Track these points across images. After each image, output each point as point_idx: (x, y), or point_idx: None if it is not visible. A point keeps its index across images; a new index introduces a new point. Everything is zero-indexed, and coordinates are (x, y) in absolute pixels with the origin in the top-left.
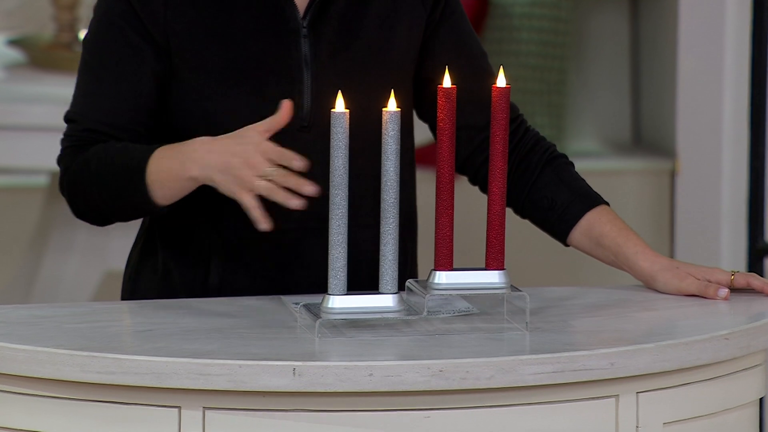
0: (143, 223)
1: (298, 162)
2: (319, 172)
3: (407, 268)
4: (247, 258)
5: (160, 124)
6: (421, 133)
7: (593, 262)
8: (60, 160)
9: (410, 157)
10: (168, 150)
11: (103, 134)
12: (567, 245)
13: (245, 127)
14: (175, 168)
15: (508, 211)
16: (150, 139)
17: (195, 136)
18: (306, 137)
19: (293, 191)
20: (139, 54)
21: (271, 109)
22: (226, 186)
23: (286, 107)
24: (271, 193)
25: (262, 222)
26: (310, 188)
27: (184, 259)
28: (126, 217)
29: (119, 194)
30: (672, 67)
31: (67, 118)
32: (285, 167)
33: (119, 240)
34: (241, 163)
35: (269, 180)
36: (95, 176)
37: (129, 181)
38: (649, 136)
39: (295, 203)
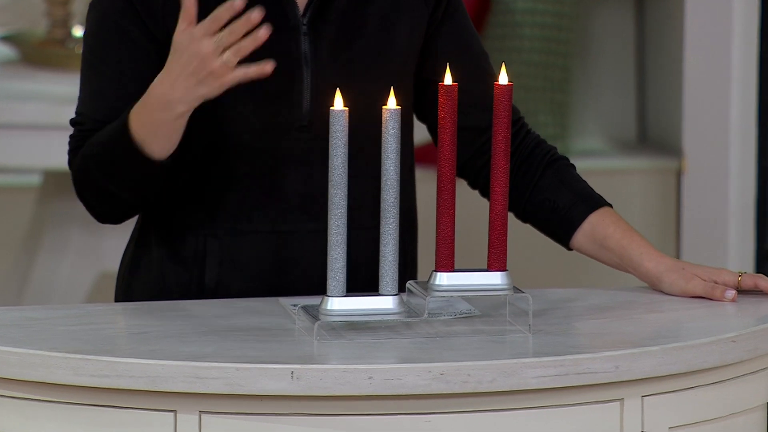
0: (137, 223)
1: (234, 3)
2: (318, 171)
3: (407, 270)
4: (244, 259)
5: None
6: (420, 131)
7: (597, 263)
8: (69, 166)
9: (410, 157)
10: (142, 106)
11: None
12: (570, 249)
13: (174, 39)
14: (161, 115)
15: (510, 214)
16: None
17: (194, 135)
18: (305, 136)
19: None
20: (141, 52)
21: (270, 108)
22: (214, 88)
23: None
24: (240, 51)
25: (266, 67)
26: (255, 14)
27: (178, 260)
28: (138, 191)
29: (118, 166)
30: (678, 64)
31: (73, 121)
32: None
33: (113, 240)
34: (199, 63)
35: (227, 49)
36: (93, 161)
37: (120, 149)
38: (654, 135)
39: (262, 34)
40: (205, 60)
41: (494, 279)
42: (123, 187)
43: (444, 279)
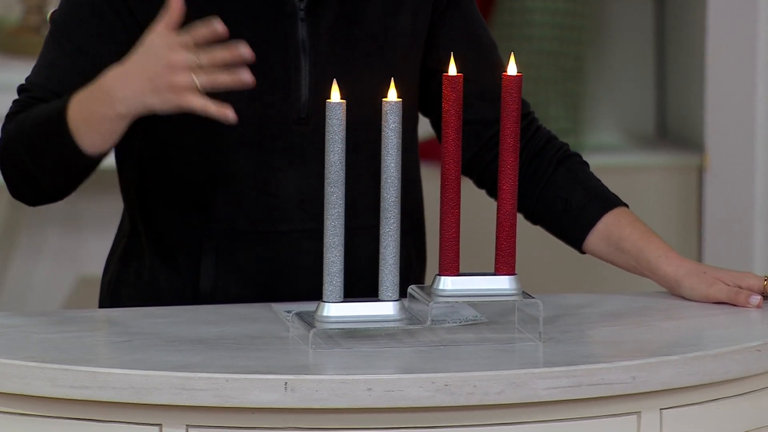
0: (123, 223)
1: (217, 26)
2: (318, 167)
3: (412, 273)
4: (241, 262)
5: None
6: (422, 126)
7: (612, 267)
8: (2, 129)
9: (415, 154)
10: (87, 93)
11: None
12: (583, 252)
13: (147, 37)
14: (101, 108)
15: (518, 215)
16: None
17: (182, 129)
18: (304, 130)
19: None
20: (110, 33)
21: (266, 100)
22: (166, 103)
23: None
24: (215, 83)
25: (228, 112)
26: (246, 50)
27: (172, 263)
28: (57, 180)
29: (44, 147)
30: (700, 53)
31: (21, 88)
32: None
33: (94, 242)
34: (163, 70)
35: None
36: (21, 135)
37: (51, 131)
38: (675, 129)
39: (247, 78)
40: (171, 70)
41: (502, 283)
42: (44, 172)
43: (448, 283)
